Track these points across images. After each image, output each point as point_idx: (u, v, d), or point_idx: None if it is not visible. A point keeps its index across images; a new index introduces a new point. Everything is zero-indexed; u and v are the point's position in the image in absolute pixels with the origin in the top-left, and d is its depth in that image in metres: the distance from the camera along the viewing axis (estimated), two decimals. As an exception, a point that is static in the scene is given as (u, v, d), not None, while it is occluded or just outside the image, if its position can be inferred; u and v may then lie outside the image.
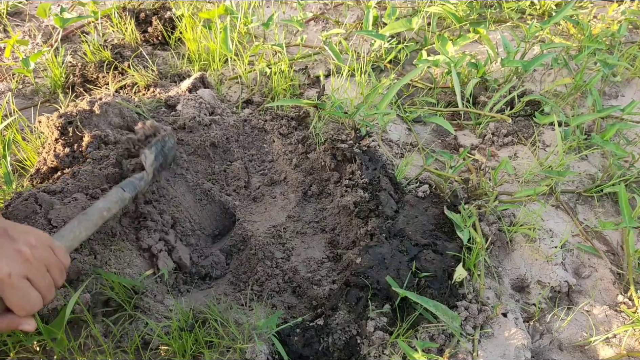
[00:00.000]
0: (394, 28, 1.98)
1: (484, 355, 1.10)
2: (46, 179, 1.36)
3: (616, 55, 2.02)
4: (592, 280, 1.34)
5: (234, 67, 2.04)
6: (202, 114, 1.62)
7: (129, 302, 1.11)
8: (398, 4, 2.49)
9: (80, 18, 2.03)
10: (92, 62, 1.92)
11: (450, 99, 1.94)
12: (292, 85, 1.91)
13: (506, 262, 1.37)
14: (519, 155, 1.73)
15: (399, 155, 1.69)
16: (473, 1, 2.43)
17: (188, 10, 2.18)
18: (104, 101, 1.46)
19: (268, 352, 1.06)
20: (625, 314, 1.24)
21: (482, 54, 2.21)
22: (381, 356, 1.08)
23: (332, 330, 1.10)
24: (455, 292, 1.20)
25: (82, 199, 1.21)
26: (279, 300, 1.23)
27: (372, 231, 1.33)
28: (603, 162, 1.76)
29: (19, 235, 0.79)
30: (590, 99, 1.79)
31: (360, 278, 1.17)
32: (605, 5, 2.64)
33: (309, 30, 2.39)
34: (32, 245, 0.78)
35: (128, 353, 1.04)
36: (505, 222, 1.44)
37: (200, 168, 1.55)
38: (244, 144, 1.70)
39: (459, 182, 1.54)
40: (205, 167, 1.56)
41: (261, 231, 1.42)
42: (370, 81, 1.91)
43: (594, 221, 1.51)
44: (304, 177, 1.61)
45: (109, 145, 1.37)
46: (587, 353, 1.19)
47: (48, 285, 0.80)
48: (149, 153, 1.28)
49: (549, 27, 1.98)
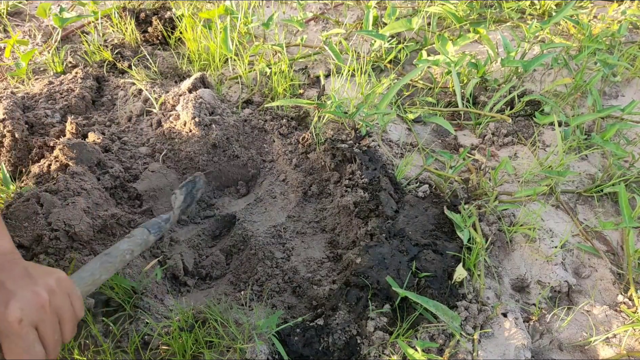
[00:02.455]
0: (394, 28, 1.98)
1: (484, 355, 1.10)
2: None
3: (616, 55, 2.02)
4: (592, 280, 1.34)
5: (234, 67, 2.04)
6: (202, 114, 1.62)
7: (129, 302, 1.11)
8: (398, 4, 2.49)
9: (79, 18, 2.03)
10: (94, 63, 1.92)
11: (450, 99, 1.94)
12: (292, 85, 1.91)
13: (506, 262, 1.37)
14: (519, 155, 1.73)
15: (399, 155, 1.69)
16: (473, 1, 2.43)
17: (188, 10, 2.18)
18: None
19: (268, 352, 1.06)
20: (625, 314, 1.24)
21: (482, 54, 2.21)
22: (381, 356, 1.08)
23: (332, 330, 1.10)
24: (455, 292, 1.20)
25: (83, 201, 1.21)
26: (279, 300, 1.23)
27: (372, 231, 1.33)
28: (603, 162, 1.76)
29: (40, 276, 0.71)
30: (590, 99, 1.79)
31: (360, 278, 1.17)
32: (605, 5, 2.63)
33: (309, 30, 2.39)
34: (52, 291, 0.70)
35: (128, 353, 1.04)
36: (505, 222, 1.44)
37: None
38: (244, 144, 1.70)
39: (459, 182, 1.54)
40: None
41: (261, 231, 1.42)
42: (370, 81, 1.91)
43: (594, 221, 1.51)
44: (304, 177, 1.61)
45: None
46: (587, 353, 1.19)
47: (56, 342, 0.71)
48: (179, 194, 1.25)
49: (549, 27, 1.98)
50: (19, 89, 1.81)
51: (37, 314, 0.67)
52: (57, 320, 0.71)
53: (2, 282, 0.67)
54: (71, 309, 0.73)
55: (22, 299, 0.66)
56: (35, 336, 0.67)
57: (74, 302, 0.75)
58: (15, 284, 0.67)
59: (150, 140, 1.66)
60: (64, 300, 0.72)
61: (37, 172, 1.39)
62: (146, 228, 1.11)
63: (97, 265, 0.92)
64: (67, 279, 0.75)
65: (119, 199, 1.43)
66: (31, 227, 1.15)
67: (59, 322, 0.71)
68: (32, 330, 0.66)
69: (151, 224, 1.14)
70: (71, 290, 0.75)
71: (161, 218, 1.16)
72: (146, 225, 1.13)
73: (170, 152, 1.63)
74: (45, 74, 1.94)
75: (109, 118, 1.74)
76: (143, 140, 1.67)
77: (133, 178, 1.51)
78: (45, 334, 0.68)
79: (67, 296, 0.73)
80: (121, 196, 1.44)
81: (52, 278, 0.72)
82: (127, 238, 1.05)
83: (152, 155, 1.62)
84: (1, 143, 1.50)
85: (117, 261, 0.97)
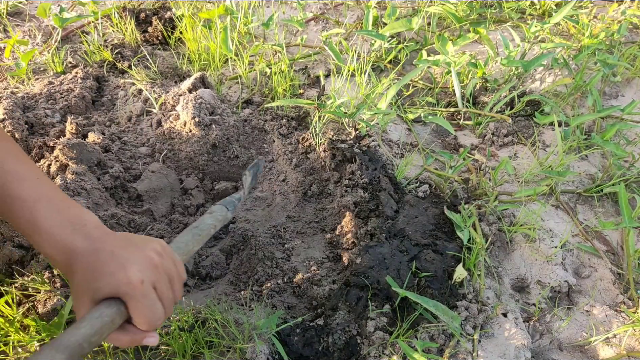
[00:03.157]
0: (394, 28, 1.98)
1: (484, 355, 1.11)
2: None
3: (616, 55, 2.02)
4: (592, 280, 1.34)
5: (234, 67, 2.04)
6: (202, 114, 1.62)
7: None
8: (398, 4, 2.49)
9: (79, 18, 2.03)
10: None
11: (450, 99, 1.94)
12: (292, 85, 1.91)
13: (506, 262, 1.37)
14: (519, 155, 1.73)
15: (399, 155, 1.69)
16: (473, 1, 2.43)
17: (188, 10, 2.18)
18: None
19: (268, 352, 1.06)
20: (625, 314, 1.24)
21: (482, 54, 2.21)
22: (381, 356, 1.08)
23: (332, 330, 1.10)
24: (455, 292, 1.20)
25: (83, 201, 1.21)
26: (279, 300, 1.23)
27: (372, 231, 1.33)
28: (603, 162, 1.76)
29: (145, 242, 0.74)
30: (590, 99, 1.79)
31: (360, 278, 1.17)
32: (605, 5, 2.63)
33: (309, 30, 2.39)
34: (159, 254, 0.74)
35: (128, 353, 1.04)
36: (505, 222, 1.44)
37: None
38: (244, 144, 1.70)
39: (459, 182, 1.54)
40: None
41: (261, 231, 1.42)
42: (370, 81, 1.91)
43: (594, 221, 1.51)
44: (304, 177, 1.61)
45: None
46: (587, 353, 1.19)
47: (171, 300, 0.74)
48: (248, 175, 1.27)
49: (549, 27, 1.98)
50: (19, 89, 1.81)
51: (154, 275, 0.71)
52: (168, 279, 0.74)
53: (112, 251, 0.69)
54: (177, 270, 0.77)
55: (138, 262, 0.69)
56: (155, 295, 0.71)
57: (178, 266, 0.78)
58: (126, 251, 0.70)
59: (150, 140, 1.66)
60: (170, 263, 0.76)
61: (37, 172, 1.39)
62: (224, 206, 1.13)
63: (190, 236, 0.94)
64: (168, 246, 0.79)
65: (119, 199, 1.43)
66: (31, 227, 1.15)
67: (170, 283, 0.75)
68: (152, 290, 0.70)
69: (227, 202, 1.16)
70: (173, 255, 0.79)
71: (234, 197, 1.19)
72: (224, 203, 1.15)
73: (170, 152, 1.63)
74: (45, 74, 1.94)
75: (109, 118, 1.74)
76: (143, 140, 1.67)
77: (133, 178, 1.51)
78: (162, 293, 0.72)
79: (172, 259, 0.77)
80: (121, 196, 1.44)
81: (156, 244, 0.76)
82: (209, 214, 1.06)
83: (152, 155, 1.62)
84: (1, 143, 1.50)
85: (204, 234, 0.99)
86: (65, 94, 1.74)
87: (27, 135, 1.52)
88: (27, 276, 1.11)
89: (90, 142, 1.53)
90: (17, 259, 1.16)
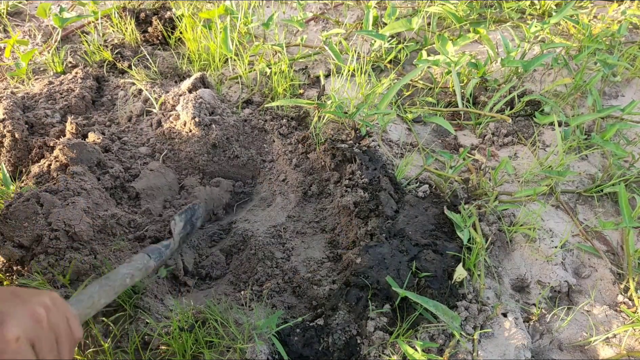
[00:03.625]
0: (394, 28, 1.98)
1: (484, 355, 1.10)
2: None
3: (616, 55, 2.02)
4: (592, 280, 1.34)
5: (234, 67, 2.04)
6: (202, 114, 1.62)
7: (129, 302, 1.11)
8: (398, 4, 2.49)
9: (79, 18, 2.03)
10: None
11: (450, 99, 1.94)
12: (292, 85, 1.91)
13: (506, 262, 1.37)
14: (519, 155, 1.73)
15: (399, 155, 1.69)
16: (473, 1, 2.43)
17: (188, 10, 2.18)
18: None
19: (268, 352, 1.06)
20: (625, 314, 1.24)
21: (482, 54, 2.21)
22: (381, 356, 1.07)
23: (332, 330, 1.10)
24: (455, 292, 1.20)
25: (83, 201, 1.21)
26: (279, 300, 1.23)
27: (372, 231, 1.33)
28: (603, 162, 1.76)
29: (32, 295, 0.69)
30: (590, 99, 1.79)
31: (360, 278, 1.17)
32: (605, 5, 2.63)
33: (309, 30, 2.39)
34: (47, 307, 0.68)
35: (128, 353, 1.04)
36: (505, 222, 1.44)
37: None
38: (244, 144, 1.70)
39: (459, 182, 1.53)
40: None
41: (261, 231, 1.42)
42: (370, 81, 1.91)
43: (594, 221, 1.51)
44: (304, 177, 1.61)
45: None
46: (587, 353, 1.19)
47: (53, 357, 0.68)
48: (178, 220, 1.24)
49: (549, 27, 1.98)
50: (19, 89, 1.81)
51: (34, 331, 0.66)
52: (54, 337, 0.69)
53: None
54: (68, 328, 0.72)
55: (18, 317, 0.65)
56: (32, 353, 0.65)
57: (71, 323, 0.73)
58: (8, 305, 0.66)
59: (150, 140, 1.66)
60: (60, 318, 0.70)
61: (37, 172, 1.39)
62: (146, 253, 1.10)
63: (97, 288, 0.91)
64: (61, 299, 0.74)
65: (119, 199, 1.43)
66: (31, 227, 1.15)
67: (56, 342, 0.70)
68: (28, 349, 0.65)
69: (151, 250, 1.13)
70: (66, 309, 0.73)
71: (162, 244, 1.16)
72: (146, 251, 1.12)
73: (170, 152, 1.63)
74: (45, 74, 1.94)
75: (109, 118, 1.74)
76: (143, 140, 1.67)
77: (133, 178, 1.51)
78: (42, 351, 0.67)
79: (63, 315, 0.71)
80: (121, 196, 1.44)
81: (46, 296, 0.71)
82: (127, 263, 1.04)
83: (152, 155, 1.62)
84: (1, 143, 1.50)
85: (116, 285, 0.96)
86: (65, 94, 1.74)
87: (27, 135, 1.52)
88: (28, 276, 1.11)
89: (90, 142, 1.53)
90: (17, 259, 1.16)
